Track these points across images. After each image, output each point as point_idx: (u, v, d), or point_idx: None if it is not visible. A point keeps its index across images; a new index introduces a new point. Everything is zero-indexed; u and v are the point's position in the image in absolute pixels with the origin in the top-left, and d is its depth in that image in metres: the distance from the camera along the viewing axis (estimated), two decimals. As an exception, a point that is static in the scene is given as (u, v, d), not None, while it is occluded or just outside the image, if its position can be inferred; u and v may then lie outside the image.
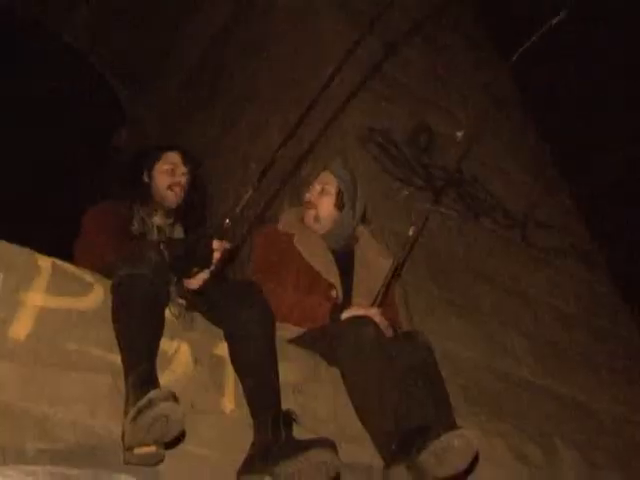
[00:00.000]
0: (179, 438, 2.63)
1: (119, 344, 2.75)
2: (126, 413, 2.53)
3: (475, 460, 3.08)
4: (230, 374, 3.02)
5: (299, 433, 2.82)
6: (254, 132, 6.04)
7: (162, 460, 2.64)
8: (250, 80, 6.58)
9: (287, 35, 6.32)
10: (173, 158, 3.83)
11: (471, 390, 4.01)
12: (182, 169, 3.82)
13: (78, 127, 8.67)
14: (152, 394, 2.47)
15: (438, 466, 2.82)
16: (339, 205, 3.95)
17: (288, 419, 2.82)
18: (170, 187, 3.74)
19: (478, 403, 3.97)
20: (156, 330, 2.82)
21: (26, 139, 8.65)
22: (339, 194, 3.97)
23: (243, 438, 2.84)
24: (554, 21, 4.40)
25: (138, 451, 2.55)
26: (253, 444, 2.80)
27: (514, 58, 4.52)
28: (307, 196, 4.02)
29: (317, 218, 3.94)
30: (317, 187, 4.01)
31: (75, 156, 8.58)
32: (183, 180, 3.79)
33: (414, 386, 3.18)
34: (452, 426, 3.00)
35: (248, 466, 2.74)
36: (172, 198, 3.73)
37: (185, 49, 7.99)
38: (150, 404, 2.44)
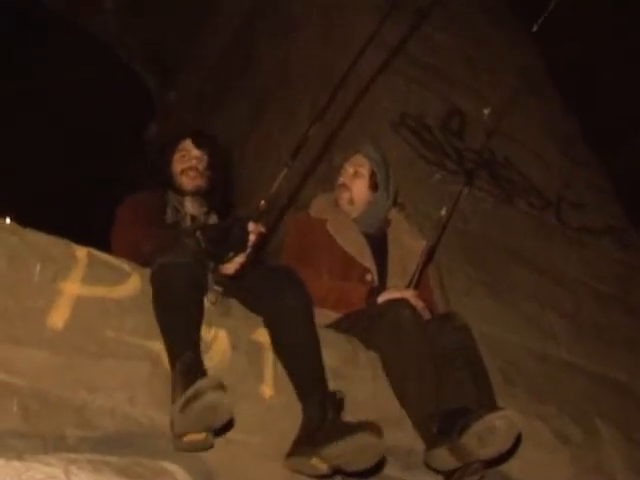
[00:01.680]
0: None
1: (161, 332, 2.76)
2: (173, 400, 2.54)
3: (517, 441, 3.06)
4: (269, 360, 3.02)
5: (339, 418, 2.81)
6: (285, 117, 6.03)
7: (212, 446, 2.64)
8: (280, 65, 6.57)
9: (316, 18, 6.30)
10: (185, 144, 3.85)
11: (510, 372, 3.98)
12: (195, 153, 3.82)
13: (109, 118, 8.70)
14: (199, 384, 2.47)
15: (481, 447, 2.80)
16: (373, 187, 3.93)
17: (335, 400, 2.81)
18: (182, 172, 3.75)
19: (517, 385, 3.94)
20: (197, 317, 2.83)
21: (57, 132, 8.71)
22: (372, 176, 3.94)
23: (283, 423, 2.86)
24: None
25: (188, 438, 2.56)
26: (301, 427, 2.80)
27: (535, 28, 4.47)
28: (340, 179, 4.00)
29: (351, 200, 3.92)
30: (350, 170, 3.98)
31: (107, 148, 8.62)
32: (195, 163, 3.79)
33: (453, 367, 3.16)
34: (494, 407, 2.99)
35: (296, 448, 2.75)
36: (187, 183, 3.74)
37: (213, 36, 7.98)
38: (198, 394, 2.44)
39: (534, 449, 3.54)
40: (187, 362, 2.61)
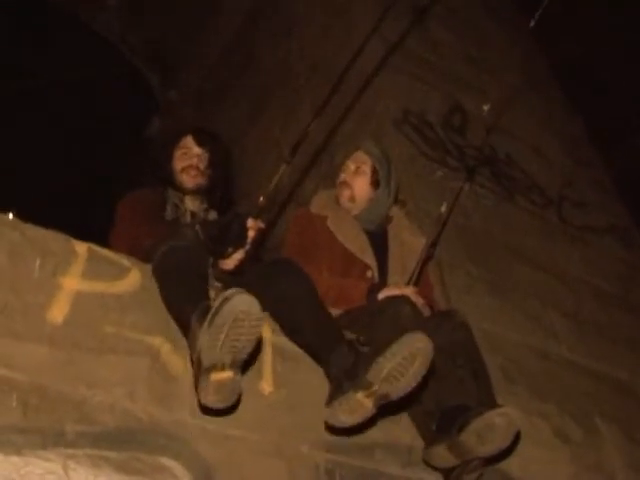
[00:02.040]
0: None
1: (172, 307, 2.76)
2: (194, 348, 2.49)
3: (517, 439, 3.05)
4: (268, 356, 3.02)
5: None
6: (286, 115, 6.03)
7: (240, 396, 2.59)
8: (281, 62, 6.56)
9: (317, 15, 6.29)
10: (186, 141, 3.84)
11: (510, 369, 3.98)
12: (196, 150, 3.81)
13: (110, 116, 8.71)
14: (226, 293, 2.44)
15: (480, 445, 2.80)
16: (374, 183, 3.92)
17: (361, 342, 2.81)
18: (183, 170, 3.74)
19: (518, 382, 3.93)
20: (204, 289, 2.79)
21: (59, 128, 8.72)
22: (374, 172, 3.93)
23: (282, 420, 2.87)
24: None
25: (215, 376, 2.45)
26: (332, 377, 2.75)
27: (532, 23, 4.46)
28: (342, 176, 3.98)
29: (352, 198, 3.91)
30: (351, 166, 3.97)
31: (109, 144, 8.63)
32: (196, 161, 3.78)
33: (454, 364, 3.15)
34: (493, 404, 2.97)
35: (336, 390, 2.69)
36: (187, 181, 3.73)
37: (214, 34, 7.97)
38: (226, 300, 2.41)
39: (534, 447, 3.55)
40: (204, 308, 2.54)
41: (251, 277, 3.11)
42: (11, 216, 2.85)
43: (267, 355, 3.03)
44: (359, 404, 2.64)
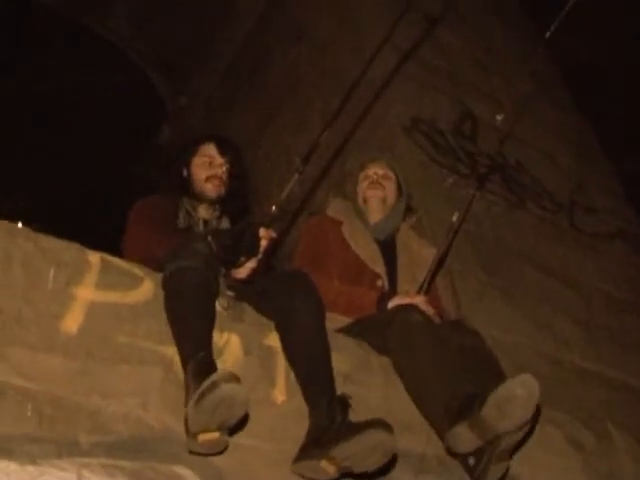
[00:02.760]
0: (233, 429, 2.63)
1: (174, 336, 2.76)
2: (187, 402, 2.53)
3: (537, 415, 3.00)
4: (281, 365, 3.02)
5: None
6: (296, 122, 6.03)
7: (227, 447, 2.63)
8: (290, 70, 6.57)
9: (326, 22, 6.29)
10: (209, 150, 3.80)
11: (522, 377, 3.96)
12: (219, 160, 3.78)
13: (121, 123, 8.73)
14: (214, 376, 2.47)
15: (501, 419, 2.75)
16: (399, 192, 3.96)
17: (343, 404, 2.82)
18: (207, 179, 3.71)
19: (530, 390, 3.92)
20: (209, 320, 2.82)
21: (68, 136, 8.74)
22: (398, 181, 3.98)
23: (295, 429, 2.85)
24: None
25: (202, 437, 2.53)
26: (309, 431, 2.79)
27: (548, 34, 4.44)
28: (372, 177, 4.00)
29: (384, 199, 3.93)
30: (380, 171, 3.99)
31: (120, 152, 8.64)
32: (220, 171, 3.75)
33: (469, 363, 3.15)
34: None
35: (304, 452, 2.75)
36: (211, 190, 3.70)
37: (224, 40, 7.98)
38: (214, 386, 2.43)
39: (546, 455, 3.53)
40: (200, 362, 2.61)
41: (263, 286, 3.13)
42: (20, 225, 2.86)
43: (279, 364, 3.03)
44: (322, 470, 2.71)
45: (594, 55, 7.73)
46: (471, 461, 2.97)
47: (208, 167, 3.75)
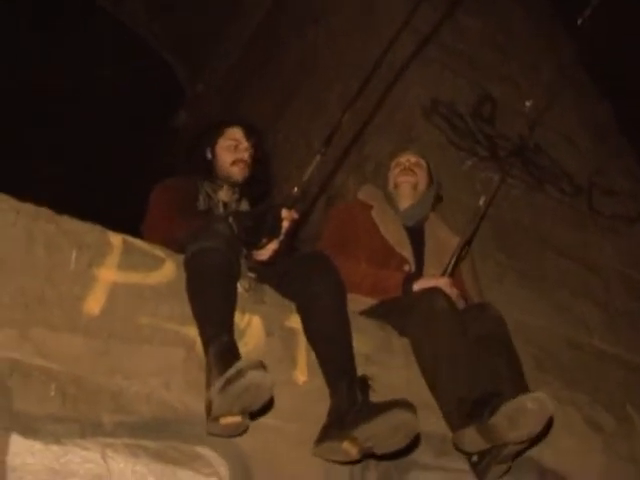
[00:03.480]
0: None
1: (195, 317, 2.77)
2: (208, 384, 2.54)
3: (548, 428, 3.04)
4: (302, 346, 3.03)
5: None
6: (314, 105, 6.02)
7: (246, 430, 2.64)
8: (307, 53, 6.55)
9: (343, 3, 6.27)
10: (235, 133, 3.78)
11: (543, 359, 3.98)
12: (245, 144, 3.76)
13: (140, 107, 8.75)
14: (241, 364, 2.47)
15: (510, 429, 2.77)
16: (430, 180, 3.96)
17: (364, 384, 2.82)
18: (234, 163, 3.69)
19: (550, 372, 3.93)
20: (231, 302, 2.83)
21: (89, 122, 8.77)
22: (429, 169, 3.98)
23: (316, 409, 2.86)
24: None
25: (224, 421, 2.55)
26: (330, 412, 2.80)
27: (580, 22, 4.39)
28: (405, 164, 4.01)
29: (416, 185, 3.93)
30: (412, 159, 4.00)
31: (140, 135, 8.66)
32: (246, 155, 3.73)
33: (487, 354, 3.16)
34: (526, 390, 2.96)
35: (325, 433, 2.75)
36: (237, 174, 3.68)
37: (241, 23, 7.97)
38: (240, 374, 2.43)
39: (567, 436, 3.53)
40: (222, 345, 2.62)
41: (284, 268, 3.13)
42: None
43: (300, 345, 3.04)
44: (343, 451, 2.71)
45: (613, 37, 7.66)
46: (474, 458, 3.03)
47: (234, 150, 3.73)
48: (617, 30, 7.68)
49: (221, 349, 2.60)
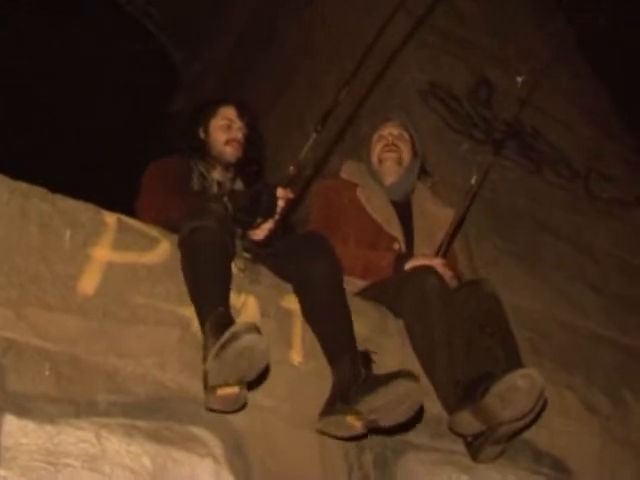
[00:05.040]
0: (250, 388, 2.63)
1: (191, 296, 2.75)
2: (205, 359, 2.52)
3: (542, 409, 3.03)
4: (298, 326, 3.03)
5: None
6: (310, 87, 5.99)
7: (244, 405, 2.63)
8: (305, 34, 6.51)
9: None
10: (228, 113, 3.77)
11: (538, 342, 3.96)
12: (238, 124, 3.75)
13: (134, 90, 8.73)
14: (234, 327, 2.45)
15: (503, 408, 2.78)
16: (414, 152, 3.92)
17: (367, 358, 2.81)
18: (227, 142, 3.68)
19: (546, 355, 3.92)
20: (226, 280, 2.81)
21: (86, 103, 8.75)
22: (412, 141, 3.94)
23: (311, 390, 2.87)
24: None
25: (221, 392, 2.52)
26: (333, 387, 2.78)
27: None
28: (388, 139, 3.96)
29: (400, 160, 3.89)
30: (395, 132, 3.95)
31: (136, 116, 8.65)
32: (239, 135, 3.72)
33: (483, 333, 3.14)
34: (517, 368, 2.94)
35: (329, 407, 2.74)
36: (230, 153, 3.67)
37: (237, 8, 7.92)
38: (234, 337, 2.41)
39: (563, 419, 3.55)
40: (219, 317, 2.59)
41: (280, 248, 3.12)
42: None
43: (296, 326, 3.04)
44: (348, 425, 2.70)
45: (612, 22, 7.64)
46: (469, 438, 3.04)
47: (227, 130, 3.71)
48: (615, 15, 7.66)
49: (217, 320, 2.57)
